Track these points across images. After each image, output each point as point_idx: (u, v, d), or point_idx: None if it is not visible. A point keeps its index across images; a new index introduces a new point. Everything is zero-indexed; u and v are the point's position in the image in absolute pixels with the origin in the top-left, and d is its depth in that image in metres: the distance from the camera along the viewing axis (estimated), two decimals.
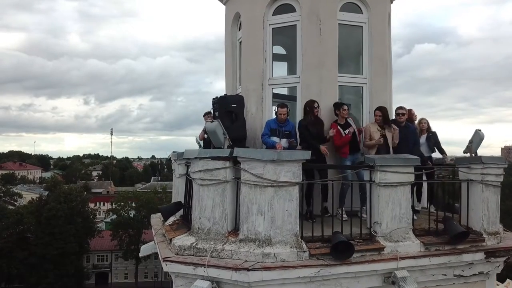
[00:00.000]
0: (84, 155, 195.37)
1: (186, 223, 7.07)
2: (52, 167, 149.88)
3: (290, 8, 8.02)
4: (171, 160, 9.59)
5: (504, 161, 6.87)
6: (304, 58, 7.79)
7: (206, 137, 8.18)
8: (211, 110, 8.52)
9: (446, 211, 6.96)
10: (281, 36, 8.80)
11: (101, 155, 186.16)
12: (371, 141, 7.42)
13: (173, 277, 5.92)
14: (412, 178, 6.20)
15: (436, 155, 9.10)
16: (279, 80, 8.40)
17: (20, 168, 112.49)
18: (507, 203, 38.05)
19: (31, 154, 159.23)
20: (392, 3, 8.96)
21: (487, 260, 6.38)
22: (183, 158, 7.52)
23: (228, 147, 6.37)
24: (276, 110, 7.25)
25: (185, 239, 6.05)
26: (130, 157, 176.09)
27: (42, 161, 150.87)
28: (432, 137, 8.89)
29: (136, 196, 56.52)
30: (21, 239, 45.64)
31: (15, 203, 59.78)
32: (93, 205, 64.60)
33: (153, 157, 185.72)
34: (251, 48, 8.26)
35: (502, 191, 6.95)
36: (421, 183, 7.94)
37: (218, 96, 7.73)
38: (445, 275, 6.22)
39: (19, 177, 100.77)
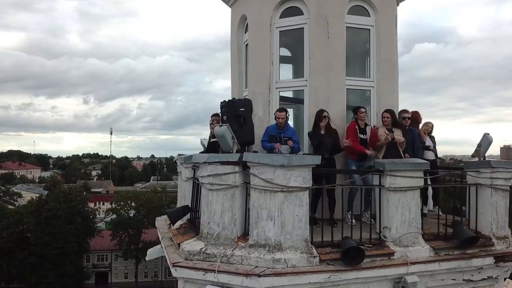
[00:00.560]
0: (83, 154, 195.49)
1: (193, 227, 7.04)
2: (51, 166, 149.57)
3: (297, 11, 7.99)
4: (175, 162, 9.54)
5: None
6: (312, 62, 7.75)
7: (212, 140, 8.13)
8: (218, 112, 8.50)
9: (452, 214, 6.94)
10: (286, 38, 8.77)
11: (100, 154, 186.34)
12: (378, 143, 7.39)
13: (181, 282, 5.88)
14: (421, 182, 6.18)
15: None
16: (286, 83, 8.37)
17: (19, 168, 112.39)
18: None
19: (30, 153, 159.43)
20: (398, 5, 8.93)
21: (496, 265, 6.35)
22: (190, 162, 7.50)
23: (236, 151, 6.33)
24: (275, 116, 7.20)
25: (194, 244, 6.02)
26: (129, 157, 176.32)
27: (42, 160, 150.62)
28: (433, 141, 8.87)
29: (136, 195, 56.45)
30: (21, 239, 45.56)
31: (15, 202, 59.68)
32: (92, 205, 64.50)
33: (152, 156, 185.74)
34: (258, 51, 8.23)
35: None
36: (426, 187, 7.91)
37: (226, 100, 7.69)
38: (454, 279, 6.19)
39: (18, 176, 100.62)
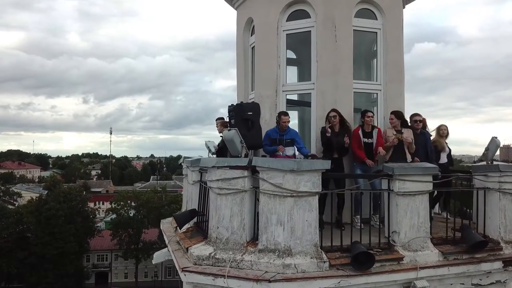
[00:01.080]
0: (83, 154, 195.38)
1: (200, 230, 7.03)
2: (51, 166, 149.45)
3: (304, 14, 7.97)
4: (181, 164, 9.52)
5: None
6: (319, 65, 7.74)
7: (219, 145, 8.11)
8: (223, 116, 8.49)
9: (458, 217, 6.94)
10: (290, 40, 8.71)
11: (100, 154, 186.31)
12: (386, 143, 7.37)
13: (190, 287, 5.87)
14: (430, 186, 6.17)
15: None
16: (293, 86, 8.35)
17: (19, 167, 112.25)
18: None
19: (30, 153, 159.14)
20: (404, 7, 8.91)
21: (504, 269, 6.35)
22: (198, 165, 7.48)
23: (245, 155, 6.31)
24: (277, 119, 7.18)
25: (202, 249, 6.00)
26: (129, 156, 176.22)
27: (41, 160, 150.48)
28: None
29: (136, 195, 56.41)
30: (21, 238, 45.52)
31: (15, 202, 59.63)
32: (92, 205, 64.41)
33: (152, 156, 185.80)
34: (264, 54, 8.21)
35: None
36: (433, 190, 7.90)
37: (234, 104, 7.68)
38: (463, 284, 6.18)
39: (18, 176, 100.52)
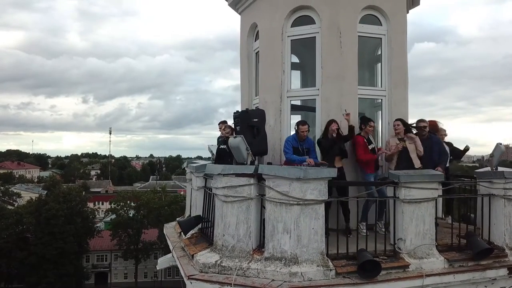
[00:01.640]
0: (82, 154, 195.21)
1: (205, 236, 7.03)
2: (50, 166, 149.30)
3: (309, 20, 7.96)
4: (184, 169, 9.52)
5: None
6: (324, 71, 7.73)
7: (220, 147, 8.12)
8: (226, 120, 8.50)
9: (462, 222, 6.95)
10: (294, 44, 8.69)
11: (99, 154, 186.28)
12: (390, 152, 7.38)
13: None
14: (436, 194, 6.18)
15: None
16: (297, 92, 8.35)
17: (18, 167, 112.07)
18: None
19: (29, 153, 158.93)
20: (408, 12, 8.91)
21: (509, 276, 6.34)
22: (202, 171, 7.48)
23: (251, 162, 6.31)
24: (296, 128, 7.18)
25: (208, 256, 6.00)
26: (128, 156, 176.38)
27: (40, 160, 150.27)
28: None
29: (136, 196, 56.37)
30: (21, 239, 45.44)
31: (14, 203, 59.55)
32: (92, 205, 64.31)
33: (151, 156, 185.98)
34: (269, 60, 8.20)
35: None
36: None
37: (239, 111, 7.69)
38: None
39: (17, 176, 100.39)
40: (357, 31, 7.80)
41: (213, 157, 9.61)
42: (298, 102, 9.07)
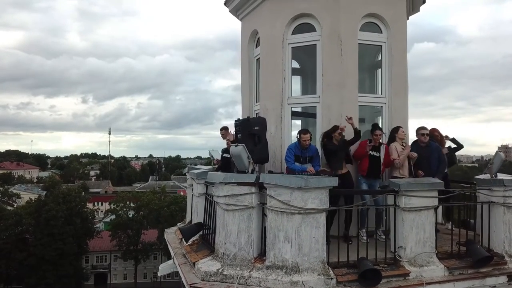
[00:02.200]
0: (81, 154, 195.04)
1: (206, 243, 7.06)
2: (49, 166, 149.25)
3: (310, 27, 7.99)
4: (185, 174, 9.55)
5: None
6: (325, 79, 7.76)
7: (224, 156, 8.16)
8: (227, 126, 8.54)
9: (461, 228, 6.99)
10: (294, 50, 8.74)
11: (98, 154, 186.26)
12: (401, 157, 7.42)
13: None
14: (436, 202, 6.22)
15: None
16: (298, 99, 8.39)
17: (17, 168, 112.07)
18: None
19: (28, 153, 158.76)
20: (408, 19, 8.94)
21: (509, 283, 6.38)
22: (203, 178, 7.52)
23: (252, 171, 6.34)
24: (298, 136, 7.20)
25: (210, 264, 6.04)
26: (127, 156, 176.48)
27: (39, 160, 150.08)
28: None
29: (135, 196, 56.41)
30: (20, 240, 45.42)
31: (14, 203, 59.53)
32: (91, 205, 64.25)
33: (150, 156, 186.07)
34: (270, 67, 8.23)
35: None
36: None
37: (241, 119, 7.73)
38: None
39: (16, 176, 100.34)
40: (357, 38, 7.83)
41: (213, 162, 9.67)
42: (298, 108, 9.12)
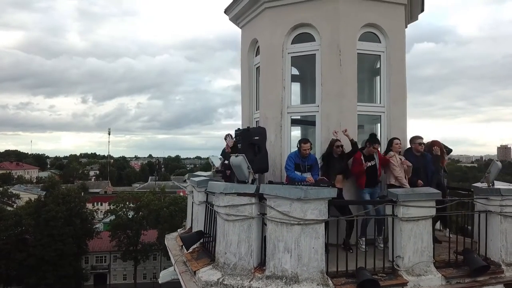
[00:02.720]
0: (81, 154, 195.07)
1: (206, 251, 7.13)
2: (49, 166, 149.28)
3: (309, 37, 8.07)
4: (185, 181, 9.62)
5: None
6: (324, 88, 7.83)
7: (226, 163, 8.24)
8: (231, 133, 8.63)
9: (459, 235, 7.07)
10: (294, 58, 8.81)
11: (98, 154, 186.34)
12: (401, 167, 7.51)
13: None
14: (433, 212, 6.29)
15: None
16: (298, 108, 8.48)
17: (17, 168, 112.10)
18: None
19: (28, 153, 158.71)
20: (406, 27, 9.01)
21: None
22: (203, 186, 7.59)
23: (252, 181, 6.42)
24: (298, 146, 7.29)
25: (210, 273, 6.10)
26: (127, 156, 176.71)
27: (39, 160, 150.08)
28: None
29: (135, 197, 56.48)
30: (20, 240, 45.55)
31: (13, 204, 59.58)
32: (91, 205, 64.29)
33: (150, 156, 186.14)
34: (269, 76, 8.30)
35: None
36: None
37: (241, 129, 7.81)
38: None
39: (16, 177, 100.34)
40: (356, 48, 7.90)
41: (214, 168, 9.73)
42: (298, 116, 9.19)
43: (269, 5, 8.21)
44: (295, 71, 9.83)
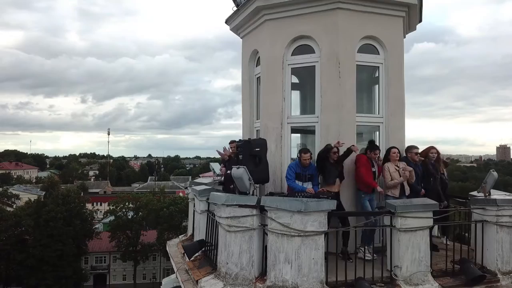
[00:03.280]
0: (80, 154, 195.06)
1: (208, 259, 7.26)
2: (48, 166, 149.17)
3: (309, 49, 8.19)
4: (187, 188, 9.73)
5: None
6: (324, 100, 7.96)
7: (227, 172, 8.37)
8: (235, 139, 8.78)
9: (456, 241, 7.21)
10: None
11: (97, 154, 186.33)
12: (393, 181, 7.60)
13: None
14: (431, 222, 6.42)
15: None
16: (298, 118, 8.62)
17: (16, 168, 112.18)
18: None
19: (27, 153, 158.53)
20: (405, 37, 9.14)
21: None
22: (205, 195, 7.71)
23: (253, 192, 6.55)
24: (299, 156, 7.42)
25: (212, 283, 6.24)
26: (126, 156, 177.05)
27: (38, 160, 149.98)
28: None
29: (135, 197, 56.55)
30: (20, 241, 45.62)
31: (13, 204, 59.63)
32: (90, 206, 64.33)
33: (149, 156, 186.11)
34: (270, 87, 8.43)
35: (500, 189, 7.06)
36: None
37: (242, 140, 7.95)
38: None
39: (15, 177, 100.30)
40: (355, 60, 8.03)
41: (214, 175, 9.86)
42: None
43: (269, 17, 8.34)
44: (294, 79, 9.93)
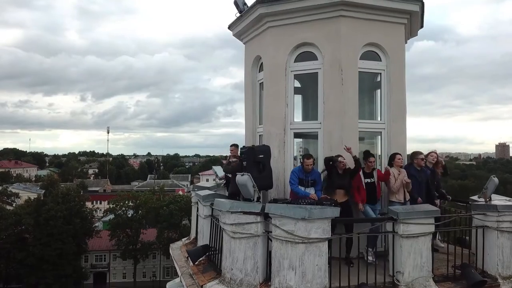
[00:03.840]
0: (79, 152, 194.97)
1: (212, 264, 7.35)
2: (47, 164, 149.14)
3: (311, 56, 8.26)
4: (190, 192, 9.81)
5: None
6: (326, 106, 8.04)
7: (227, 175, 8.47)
8: (236, 143, 8.85)
9: (457, 245, 7.31)
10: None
11: (96, 152, 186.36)
12: (397, 183, 7.72)
13: None
14: (432, 228, 6.51)
15: None
16: (300, 124, 8.70)
17: (15, 166, 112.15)
18: None
19: (26, 151, 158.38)
20: (406, 43, 9.20)
21: None
22: (209, 200, 7.81)
23: (257, 199, 6.64)
24: (302, 161, 7.50)
25: None
26: (125, 154, 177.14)
27: (37, 158, 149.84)
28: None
29: (135, 195, 56.66)
30: (20, 240, 45.71)
31: (13, 203, 59.69)
32: (90, 204, 64.38)
33: (149, 154, 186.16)
34: (273, 93, 8.50)
35: (500, 187, 7.13)
36: None
37: (246, 147, 8.03)
38: None
39: (14, 175, 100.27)
40: (357, 67, 8.09)
41: (217, 178, 9.93)
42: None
43: (272, 24, 8.41)
44: (297, 84, 10.00)
